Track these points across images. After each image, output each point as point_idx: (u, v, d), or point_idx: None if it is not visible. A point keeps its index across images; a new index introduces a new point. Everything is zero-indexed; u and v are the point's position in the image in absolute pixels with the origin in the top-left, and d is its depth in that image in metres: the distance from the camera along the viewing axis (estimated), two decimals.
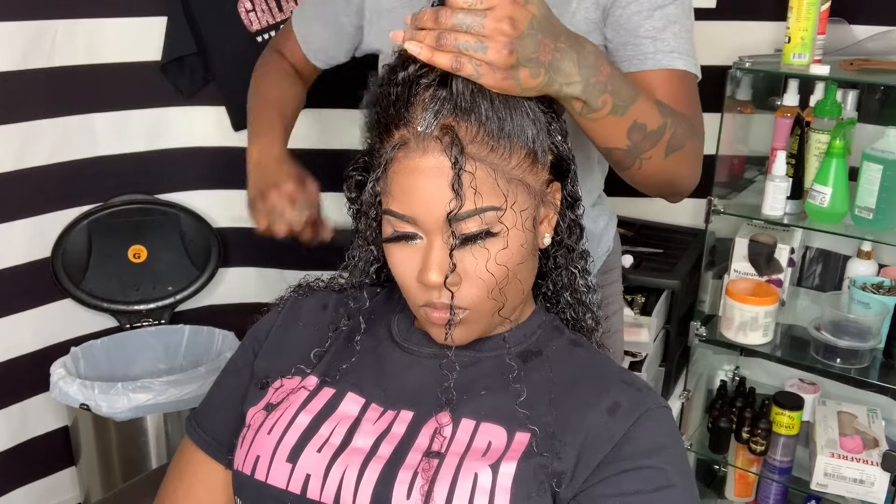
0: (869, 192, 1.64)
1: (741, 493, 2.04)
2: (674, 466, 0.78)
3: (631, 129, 0.90)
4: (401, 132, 0.79)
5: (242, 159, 1.25)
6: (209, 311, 2.24)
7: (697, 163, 1.03)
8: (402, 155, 0.78)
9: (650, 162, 0.95)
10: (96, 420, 1.85)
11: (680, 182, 1.04)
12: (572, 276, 0.92)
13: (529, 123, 0.80)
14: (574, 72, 0.81)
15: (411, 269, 0.81)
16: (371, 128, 0.85)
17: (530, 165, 0.81)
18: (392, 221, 0.81)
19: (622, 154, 0.93)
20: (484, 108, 0.77)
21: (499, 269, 0.79)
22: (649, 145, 0.93)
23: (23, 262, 1.96)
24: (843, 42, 1.77)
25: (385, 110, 0.80)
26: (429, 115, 0.77)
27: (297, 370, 0.89)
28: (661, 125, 0.92)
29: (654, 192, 1.05)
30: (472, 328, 0.84)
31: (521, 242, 0.81)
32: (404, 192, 0.78)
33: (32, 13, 1.83)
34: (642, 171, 0.96)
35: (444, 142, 0.76)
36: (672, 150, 0.95)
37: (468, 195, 0.76)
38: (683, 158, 0.98)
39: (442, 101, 0.77)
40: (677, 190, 1.06)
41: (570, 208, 0.90)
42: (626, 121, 0.89)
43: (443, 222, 0.77)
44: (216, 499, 0.94)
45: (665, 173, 0.99)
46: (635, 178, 0.99)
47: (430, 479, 0.76)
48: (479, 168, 0.77)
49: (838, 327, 1.76)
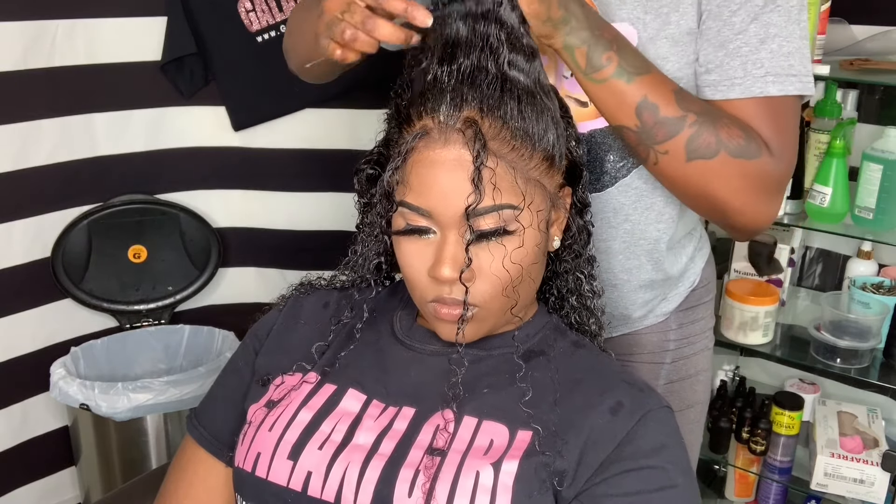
0: (869, 192, 1.64)
1: (741, 493, 2.04)
2: (676, 466, 0.78)
3: (640, 106, 0.85)
4: (423, 122, 0.79)
5: (242, 159, 1.25)
6: (209, 311, 2.24)
7: (751, 189, 0.89)
8: (423, 145, 0.78)
9: (668, 161, 0.88)
10: (96, 420, 1.85)
11: (722, 205, 0.90)
12: (578, 280, 0.92)
13: (552, 126, 0.81)
14: (581, 18, 0.83)
15: (422, 264, 0.81)
16: (391, 117, 0.84)
17: (548, 168, 0.81)
18: (406, 214, 0.80)
19: (634, 138, 0.88)
20: (510, 106, 0.77)
21: (514, 267, 0.79)
22: (662, 135, 0.86)
23: (23, 262, 1.95)
24: (843, 42, 1.76)
25: (409, 99, 0.80)
26: (453, 107, 0.77)
27: (299, 367, 0.89)
28: (679, 116, 0.86)
29: (695, 207, 0.97)
30: (481, 326, 0.83)
31: (536, 242, 0.81)
32: (422, 184, 0.78)
33: (32, 13, 1.83)
34: (661, 171, 0.90)
35: (466, 135, 0.76)
36: (696, 154, 0.87)
37: (487, 191, 0.76)
38: (718, 174, 0.88)
39: (468, 94, 0.77)
40: (724, 217, 0.93)
41: (579, 213, 0.90)
42: (635, 93, 0.85)
43: (459, 217, 0.77)
44: (217, 496, 0.94)
45: (692, 185, 0.90)
46: (661, 180, 0.93)
47: (431, 477, 0.76)
48: (499, 165, 0.77)
49: (838, 327, 1.76)
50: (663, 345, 1.15)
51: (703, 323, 1.19)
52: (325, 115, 2.07)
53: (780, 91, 0.90)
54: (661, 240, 1.07)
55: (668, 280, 1.12)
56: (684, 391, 1.17)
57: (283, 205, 2.17)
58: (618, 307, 1.11)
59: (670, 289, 1.13)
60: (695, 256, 1.16)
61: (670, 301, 1.14)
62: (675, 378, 1.16)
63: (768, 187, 0.91)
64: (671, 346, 1.15)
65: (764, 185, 0.90)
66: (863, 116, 1.81)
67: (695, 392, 1.19)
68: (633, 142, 0.89)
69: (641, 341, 1.15)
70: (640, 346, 1.15)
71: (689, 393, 1.18)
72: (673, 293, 1.14)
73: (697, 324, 1.18)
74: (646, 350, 1.15)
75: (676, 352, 1.16)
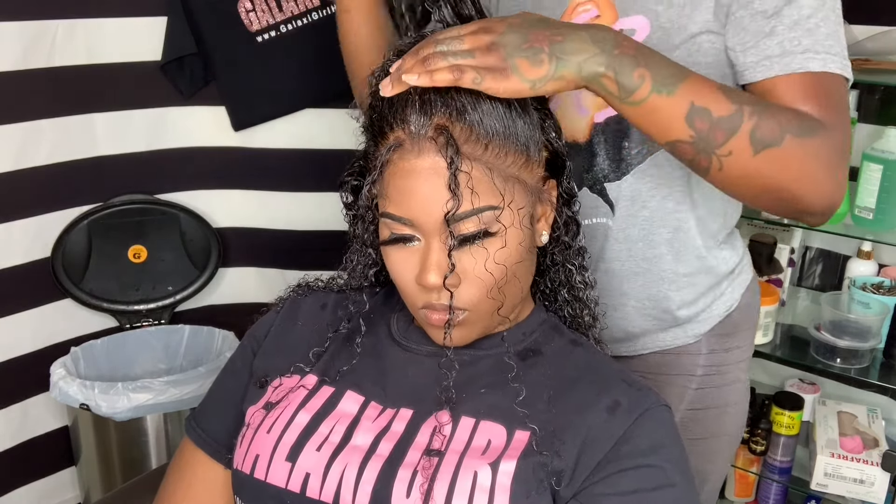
0: (869, 192, 1.64)
1: (741, 493, 2.04)
2: (673, 465, 0.78)
3: (690, 115, 0.79)
4: (395, 134, 0.79)
5: (242, 159, 1.25)
6: (209, 311, 2.24)
7: (821, 166, 0.84)
8: (398, 157, 0.78)
9: (734, 161, 0.81)
10: (96, 420, 1.85)
11: (795, 191, 0.84)
12: (569, 272, 0.92)
13: (520, 120, 0.80)
14: (587, 45, 0.77)
15: (409, 272, 0.81)
16: (366, 130, 0.85)
17: (525, 163, 0.81)
18: (389, 224, 0.80)
19: (691, 150, 0.82)
20: (478, 106, 0.77)
21: (497, 268, 0.79)
22: (722, 136, 0.80)
23: (23, 262, 1.95)
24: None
25: (379, 113, 0.80)
26: (422, 116, 0.77)
27: (296, 369, 0.89)
28: (734, 112, 0.80)
29: (764, 203, 0.88)
30: (472, 329, 0.84)
31: (519, 241, 0.81)
32: (401, 195, 0.78)
33: (32, 13, 1.83)
34: (727, 175, 0.83)
35: (438, 142, 0.76)
36: (763, 144, 0.81)
37: (465, 195, 0.76)
38: (789, 159, 0.82)
39: (434, 101, 0.77)
40: (798, 203, 0.86)
41: (566, 205, 0.90)
42: (680, 103, 0.79)
43: (441, 223, 0.77)
44: (216, 498, 0.94)
45: (763, 179, 0.83)
46: (725, 185, 0.86)
47: (429, 477, 0.76)
48: (475, 168, 0.77)
49: (838, 327, 1.76)
50: (691, 369, 1.11)
51: (738, 353, 1.14)
52: (325, 115, 2.07)
53: (822, 67, 0.86)
54: (680, 228, 1.05)
55: (697, 278, 1.07)
56: (708, 420, 1.13)
57: (283, 205, 2.17)
58: (651, 294, 1.07)
59: (700, 296, 1.09)
60: (736, 274, 1.12)
61: (703, 322, 1.10)
62: (700, 406, 1.11)
63: (834, 162, 0.86)
64: (699, 371, 1.11)
65: (830, 160, 0.85)
66: (863, 116, 1.81)
67: (722, 424, 1.14)
68: (690, 154, 0.83)
69: (669, 361, 1.12)
70: (667, 367, 1.12)
71: (713, 423, 1.13)
72: (704, 314, 1.10)
73: (732, 353, 1.13)
74: (672, 371, 1.12)
75: (704, 378, 1.11)
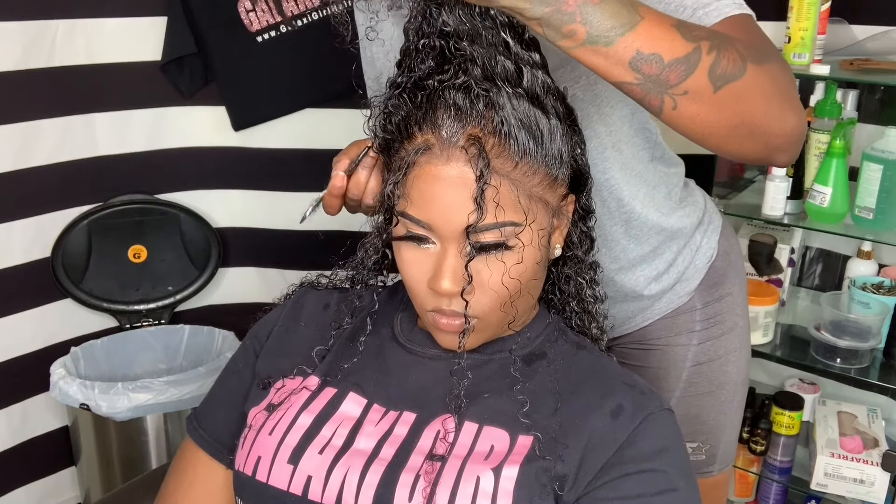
0: (869, 192, 1.64)
1: (741, 493, 2.05)
2: (676, 469, 0.78)
3: (635, 61, 0.72)
4: (424, 136, 0.77)
5: (242, 159, 1.26)
6: (209, 311, 2.24)
7: (780, 90, 0.78)
8: (425, 160, 0.77)
9: (689, 101, 0.74)
10: (96, 420, 1.85)
11: (759, 125, 0.78)
12: (580, 286, 0.92)
13: (557, 140, 0.79)
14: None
15: (422, 273, 0.80)
16: (386, 119, 0.82)
17: (551, 183, 0.80)
18: (407, 224, 0.79)
19: (638, 91, 0.74)
20: (513, 124, 0.76)
21: (512, 282, 0.79)
22: (676, 77, 0.73)
23: (23, 262, 1.96)
24: (843, 42, 1.76)
25: (406, 109, 0.79)
26: (456, 123, 0.76)
27: (299, 370, 0.89)
28: (691, 51, 0.73)
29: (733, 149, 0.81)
30: (480, 335, 0.83)
31: (536, 260, 0.80)
32: (423, 199, 0.77)
33: (32, 13, 1.83)
34: (682, 114, 0.75)
35: (469, 152, 0.75)
36: (723, 80, 0.74)
37: (490, 208, 0.75)
38: (751, 90, 0.76)
39: (471, 110, 0.75)
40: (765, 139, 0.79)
41: (581, 220, 0.89)
42: (622, 51, 0.71)
43: (460, 232, 0.76)
44: (217, 499, 0.94)
45: (725, 117, 0.76)
46: (681, 125, 0.77)
47: (432, 482, 0.76)
48: (503, 183, 0.76)
49: (838, 327, 1.76)
50: (690, 325, 1.14)
51: (730, 300, 1.15)
52: (325, 115, 2.07)
53: (739, 9, 0.84)
54: (630, 219, 1.05)
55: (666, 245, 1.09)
56: (713, 373, 1.15)
57: (283, 205, 2.17)
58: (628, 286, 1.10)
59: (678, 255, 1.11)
60: (706, 224, 1.14)
61: (690, 279, 1.13)
62: (703, 360, 1.14)
63: (792, 85, 0.82)
64: (697, 326, 1.14)
65: (789, 84, 0.81)
66: (863, 116, 1.81)
67: (725, 373, 1.16)
68: (638, 95, 0.76)
69: (668, 325, 1.14)
70: (667, 330, 1.14)
71: (717, 374, 1.15)
72: (689, 270, 1.12)
73: (725, 300, 1.14)
74: (672, 332, 1.14)
75: (703, 332, 1.14)
